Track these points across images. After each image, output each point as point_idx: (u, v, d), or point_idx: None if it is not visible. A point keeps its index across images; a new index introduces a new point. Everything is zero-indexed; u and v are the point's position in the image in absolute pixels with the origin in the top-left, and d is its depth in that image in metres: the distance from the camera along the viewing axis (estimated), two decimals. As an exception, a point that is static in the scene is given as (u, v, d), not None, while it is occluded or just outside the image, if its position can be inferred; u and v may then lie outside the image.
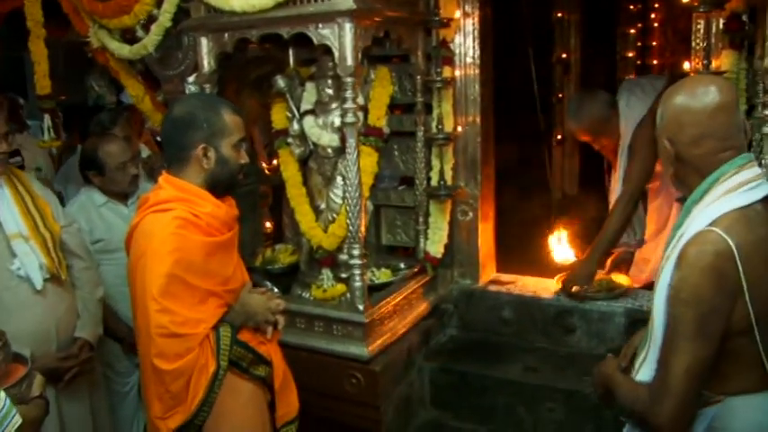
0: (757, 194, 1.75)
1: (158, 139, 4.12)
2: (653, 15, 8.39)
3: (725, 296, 1.69)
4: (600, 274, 3.66)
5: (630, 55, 8.56)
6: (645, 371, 1.91)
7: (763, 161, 2.43)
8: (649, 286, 3.08)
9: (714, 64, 3.00)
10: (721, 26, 3.01)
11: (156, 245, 2.08)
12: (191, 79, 3.47)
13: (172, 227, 2.10)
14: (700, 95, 1.78)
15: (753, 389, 1.78)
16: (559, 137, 6.83)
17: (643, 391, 1.87)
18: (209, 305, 2.17)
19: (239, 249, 2.48)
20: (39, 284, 2.66)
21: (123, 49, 3.57)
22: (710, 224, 1.72)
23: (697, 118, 1.77)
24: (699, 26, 3.05)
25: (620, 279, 3.67)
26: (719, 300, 1.69)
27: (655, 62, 8.76)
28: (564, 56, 6.81)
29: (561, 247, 4.28)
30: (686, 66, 3.17)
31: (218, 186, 2.26)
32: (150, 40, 3.45)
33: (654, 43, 8.59)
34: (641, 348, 1.97)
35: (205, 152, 2.19)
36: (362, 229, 3.06)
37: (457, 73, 3.57)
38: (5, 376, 1.89)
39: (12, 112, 4.12)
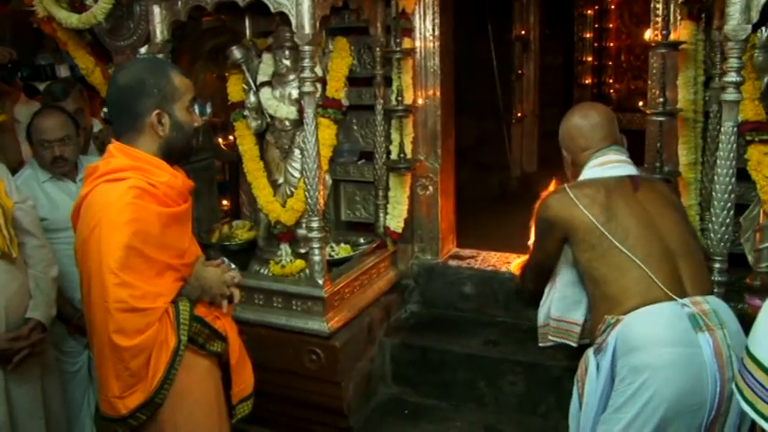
0: (609, 173, 2.33)
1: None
2: (610, -3, 8.47)
3: (552, 225, 2.34)
4: None
5: (588, 36, 8.63)
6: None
7: (722, 129, 2.44)
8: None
9: (672, 35, 3.01)
10: (680, -2, 3.02)
11: (112, 215, 1.96)
12: (143, 50, 3.35)
13: (128, 196, 1.97)
14: (585, 117, 2.43)
15: (642, 304, 2.09)
16: (519, 114, 6.83)
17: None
18: (166, 279, 2.07)
19: (194, 225, 2.38)
20: None
21: (71, 19, 3.42)
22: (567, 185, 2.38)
23: (583, 131, 2.41)
24: (658, -3, 3.06)
25: None
26: (548, 226, 2.37)
27: (611, 44, 8.84)
28: (523, 32, 6.80)
29: None
30: (647, 35, 3.15)
31: (174, 154, 2.15)
32: (100, 9, 3.31)
33: (611, 25, 8.65)
34: None
35: (159, 118, 2.07)
36: (321, 202, 3.01)
37: (417, 44, 3.52)
38: None
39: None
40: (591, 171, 2.37)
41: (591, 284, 2.27)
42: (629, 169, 2.36)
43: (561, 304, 2.50)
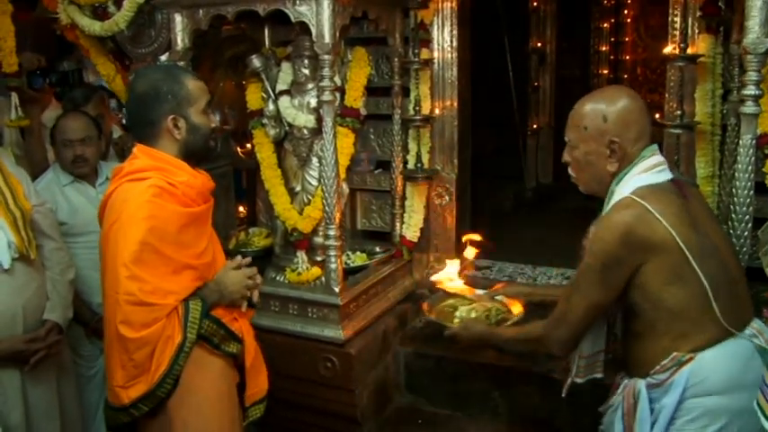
0: (665, 176, 2.01)
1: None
2: (626, 11, 8.44)
3: (631, 251, 1.91)
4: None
5: (604, 49, 8.62)
6: None
7: (740, 142, 2.43)
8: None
9: (690, 49, 3.01)
10: (698, 11, 3.02)
11: (130, 211, 2.03)
12: (163, 58, 3.40)
13: (147, 194, 2.05)
14: (634, 99, 2.05)
15: (716, 340, 1.93)
16: (534, 126, 6.83)
17: (533, 326, 2.33)
18: (183, 277, 2.12)
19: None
20: (6, 263, 2.58)
21: (94, 26, 3.48)
22: (629, 193, 1.96)
23: (636, 117, 2.02)
24: (676, 10, 3.06)
25: (516, 309, 2.83)
26: (625, 254, 1.92)
27: (627, 57, 8.83)
28: (539, 45, 6.81)
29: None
30: (665, 50, 3.15)
31: (194, 155, 2.22)
32: (122, 17, 3.36)
33: (627, 39, 8.64)
34: None
35: (175, 123, 2.15)
36: (338, 210, 3.02)
37: (435, 55, 3.54)
38: None
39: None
40: (646, 176, 2.00)
41: (653, 313, 1.96)
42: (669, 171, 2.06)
43: (592, 338, 2.17)
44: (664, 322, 1.95)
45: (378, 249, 3.59)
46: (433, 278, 2.92)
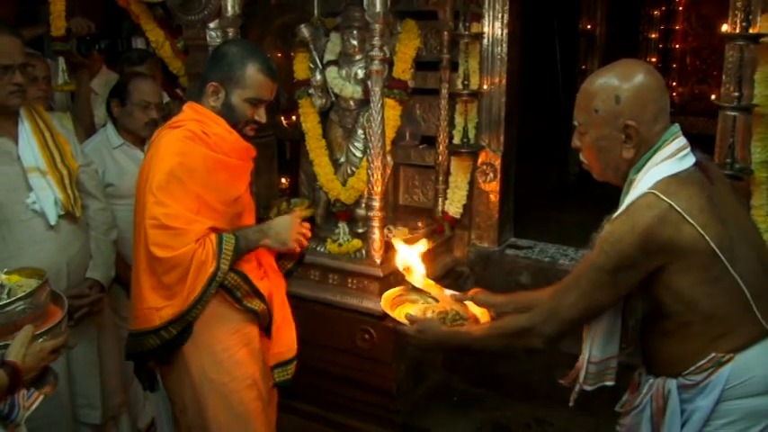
0: (689, 162, 1.79)
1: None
2: (678, -2, 8.28)
3: (650, 255, 1.72)
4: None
5: (653, 36, 8.45)
6: None
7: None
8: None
9: (752, 29, 2.91)
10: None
11: (162, 149, 2.20)
12: (212, 25, 3.39)
13: (180, 136, 2.21)
14: (652, 74, 1.81)
15: (757, 338, 1.77)
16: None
17: (513, 318, 2.01)
18: (206, 215, 2.21)
19: (255, 202, 2.52)
20: (53, 219, 2.61)
21: (145, -9, 3.50)
22: (651, 187, 1.74)
23: (654, 95, 1.79)
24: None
25: (475, 311, 2.34)
26: (643, 258, 1.72)
27: (677, 46, 8.65)
28: (589, 27, 6.68)
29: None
30: (723, 27, 3.05)
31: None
32: (173, -18, 3.36)
33: (677, 27, 8.45)
34: None
35: (216, 90, 2.27)
36: (382, 182, 3.00)
37: (485, 30, 3.49)
38: (45, 318, 1.83)
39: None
40: (668, 165, 1.78)
41: (687, 315, 1.78)
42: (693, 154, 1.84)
43: (603, 342, 1.96)
44: (699, 324, 1.77)
45: (419, 225, 3.56)
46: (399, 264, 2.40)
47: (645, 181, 1.78)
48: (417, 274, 2.34)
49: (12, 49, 2.49)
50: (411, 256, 2.36)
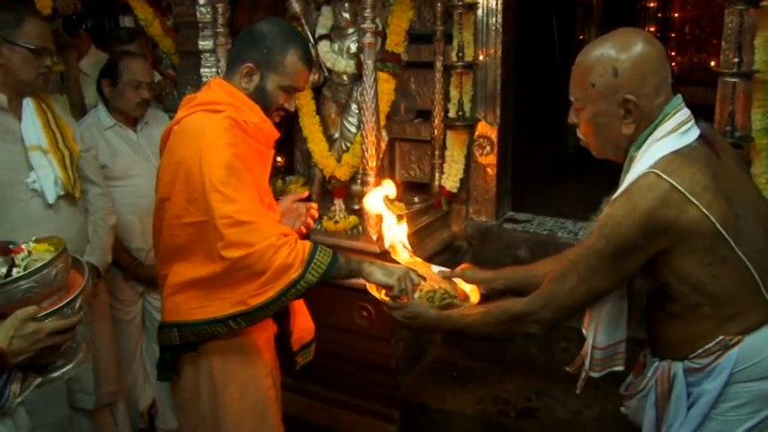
0: (692, 136, 1.72)
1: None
2: (676, -34, 8.19)
3: (652, 239, 1.66)
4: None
5: (652, 5, 8.35)
6: None
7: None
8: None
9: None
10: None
11: (210, 139, 2.00)
12: (202, 1, 3.33)
13: (224, 124, 2.03)
14: (652, 43, 1.72)
15: (766, 320, 1.73)
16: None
17: (510, 303, 1.96)
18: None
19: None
20: (51, 198, 2.60)
21: (133, -33, 3.43)
22: (651, 166, 1.67)
23: (655, 66, 1.71)
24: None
25: (464, 287, 2.32)
26: (645, 242, 1.67)
27: (675, 15, 8.56)
28: (586, -3, 6.60)
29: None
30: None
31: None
32: (160, -43, 3.31)
33: (676, -4, 8.39)
34: None
35: (250, 72, 2.12)
36: (377, 157, 2.96)
37: (479, 0, 3.43)
38: (65, 292, 1.72)
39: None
40: (671, 141, 1.71)
41: (694, 298, 1.73)
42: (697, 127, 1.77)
43: (609, 327, 1.90)
44: (706, 306, 1.73)
45: (416, 200, 3.53)
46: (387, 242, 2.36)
47: (646, 158, 1.71)
48: (403, 251, 2.29)
49: (46, 35, 2.63)
50: (393, 224, 2.33)
